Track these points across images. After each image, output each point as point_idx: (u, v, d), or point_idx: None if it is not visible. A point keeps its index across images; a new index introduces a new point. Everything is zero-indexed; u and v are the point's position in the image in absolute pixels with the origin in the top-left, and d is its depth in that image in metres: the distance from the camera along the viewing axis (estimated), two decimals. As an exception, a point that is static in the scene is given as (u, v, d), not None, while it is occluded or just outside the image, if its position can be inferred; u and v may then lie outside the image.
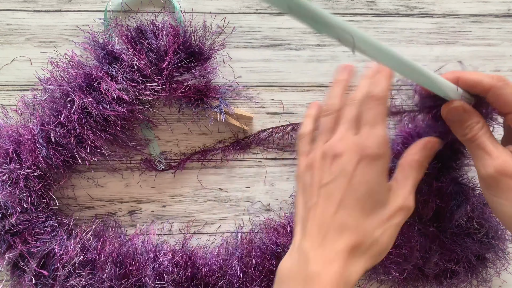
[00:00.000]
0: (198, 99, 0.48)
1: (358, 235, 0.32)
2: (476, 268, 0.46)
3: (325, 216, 0.32)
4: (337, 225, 0.32)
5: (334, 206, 0.32)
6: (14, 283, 0.44)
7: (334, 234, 0.32)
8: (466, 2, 0.52)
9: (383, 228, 0.32)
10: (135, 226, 0.50)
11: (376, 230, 0.32)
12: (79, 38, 0.49)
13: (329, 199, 0.33)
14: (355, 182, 0.32)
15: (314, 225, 0.33)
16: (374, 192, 0.32)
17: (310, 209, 0.34)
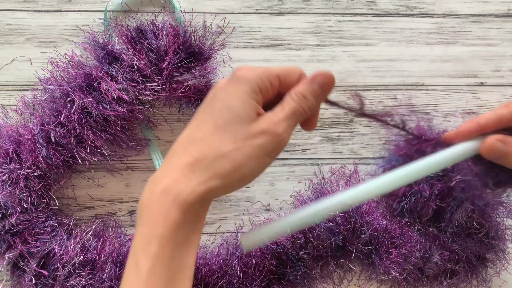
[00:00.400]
0: (198, 99, 0.48)
1: (202, 148, 0.29)
2: (476, 268, 0.46)
3: (183, 135, 0.31)
4: (186, 139, 0.30)
5: (194, 124, 0.31)
6: (14, 283, 0.44)
7: (182, 149, 0.30)
8: (466, 2, 0.52)
9: (237, 145, 0.29)
10: (135, 226, 0.50)
11: (227, 144, 0.29)
12: (79, 38, 0.49)
13: (196, 116, 0.31)
14: (216, 100, 0.31)
15: (172, 149, 0.31)
16: (231, 106, 0.30)
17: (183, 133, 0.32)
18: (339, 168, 0.51)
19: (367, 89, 0.51)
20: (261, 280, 0.46)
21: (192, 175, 0.29)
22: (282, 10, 0.51)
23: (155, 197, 0.28)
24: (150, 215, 0.28)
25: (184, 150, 0.30)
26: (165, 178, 0.29)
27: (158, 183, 0.29)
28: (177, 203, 0.28)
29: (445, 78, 0.52)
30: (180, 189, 0.28)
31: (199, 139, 0.30)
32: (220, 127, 0.30)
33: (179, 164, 0.29)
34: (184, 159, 0.29)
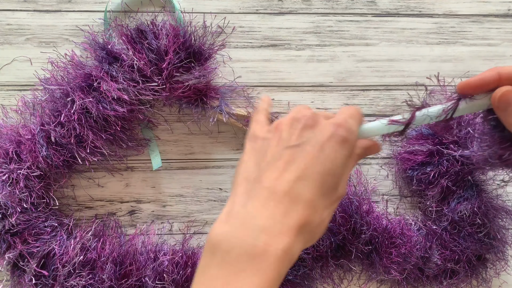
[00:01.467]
0: (198, 99, 0.48)
1: (310, 212, 0.29)
2: (476, 269, 0.46)
3: (282, 182, 0.29)
4: (293, 195, 0.29)
5: (295, 173, 0.29)
6: (14, 283, 0.44)
7: (287, 205, 0.29)
8: (466, 2, 0.52)
9: (329, 211, 0.31)
10: (135, 226, 0.50)
11: (325, 211, 0.30)
12: (79, 38, 0.49)
13: (291, 164, 0.30)
14: (324, 156, 0.30)
15: (265, 189, 0.29)
16: (335, 173, 0.30)
17: (266, 170, 0.30)
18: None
19: (367, 89, 0.51)
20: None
21: (297, 238, 0.29)
22: (282, 10, 0.51)
23: (274, 253, 0.27)
24: (266, 267, 0.27)
25: (292, 209, 0.29)
26: (283, 237, 0.28)
27: (275, 238, 0.28)
28: (292, 260, 0.28)
29: (445, 78, 0.52)
30: (294, 248, 0.28)
31: (308, 202, 0.29)
32: (324, 193, 0.30)
33: (292, 224, 0.28)
34: (295, 219, 0.29)
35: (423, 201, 0.49)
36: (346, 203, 0.46)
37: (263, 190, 0.29)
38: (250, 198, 0.29)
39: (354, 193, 0.47)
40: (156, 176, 0.50)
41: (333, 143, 0.30)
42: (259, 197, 0.29)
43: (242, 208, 0.29)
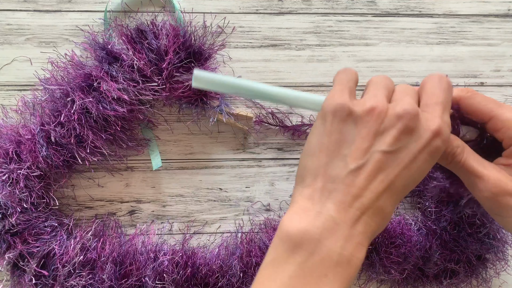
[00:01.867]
0: (198, 99, 0.48)
1: (385, 222, 0.29)
2: (476, 268, 0.46)
3: (369, 192, 0.27)
4: (377, 208, 0.28)
5: (383, 184, 0.27)
6: (14, 283, 0.44)
7: (370, 216, 0.28)
8: (466, 2, 0.52)
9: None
10: (135, 226, 0.50)
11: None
12: (79, 38, 0.49)
13: (381, 172, 0.27)
14: (415, 167, 0.28)
15: (349, 195, 0.27)
16: (417, 182, 0.29)
17: (354, 171, 0.28)
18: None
19: (367, 89, 0.51)
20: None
21: (368, 244, 0.29)
22: (282, 10, 0.51)
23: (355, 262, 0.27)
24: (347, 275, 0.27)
25: (372, 220, 0.28)
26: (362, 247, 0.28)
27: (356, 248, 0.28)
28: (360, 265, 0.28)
29: (445, 78, 0.52)
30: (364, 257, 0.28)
31: (387, 213, 0.29)
32: (399, 201, 0.29)
33: (369, 234, 0.28)
34: (372, 230, 0.28)
35: (422, 201, 0.49)
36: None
37: (347, 195, 0.28)
38: (331, 198, 0.28)
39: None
40: (156, 176, 0.50)
41: (427, 154, 0.28)
42: (342, 201, 0.28)
43: (322, 207, 0.28)
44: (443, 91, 0.29)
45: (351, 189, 0.28)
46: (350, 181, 0.28)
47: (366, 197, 0.27)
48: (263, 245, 0.47)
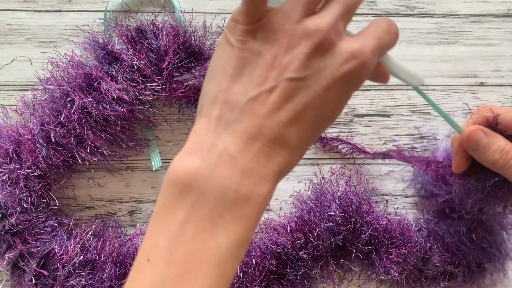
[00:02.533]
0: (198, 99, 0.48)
1: (295, 157, 0.25)
2: (474, 275, 0.46)
3: (273, 123, 0.24)
4: (282, 140, 0.24)
5: (289, 114, 0.24)
6: (14, 283, 0.44)
7: (273, 149, 0.24)
8: (466, 2, 0.52)
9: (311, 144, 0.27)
10: (135, 226, 0.50)
11: (307, 148, 0.26)
12: (79, 38, 0.49)
13: (288, 101, 0.24)
14: (328, 97, 0.24)
15: (250, 125, 0.24)
16: (335, 115, 0.26)
17: (255, 99, 0.24)
18: (339, 168, 0.51)
19: (367, 89, 0.51)
20: (261, 280, 0.46)
21: (276, 182, 0.26)
22: (282, 10, 0.51)
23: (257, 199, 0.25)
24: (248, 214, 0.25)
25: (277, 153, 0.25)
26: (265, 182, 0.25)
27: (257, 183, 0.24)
28: (264, 209, 0.26)
29: (445, 78, 0.52)
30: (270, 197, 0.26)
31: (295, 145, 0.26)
32: (316, 137, 0.27)
33: (274, 169, 0.25)
34: (278, 164, 0.25)
35: (424, 210, 0.49)
36: (346, 203, 0.46)
37: (247, 125, 0.24)
38: (228, 130, 0.24)
39: (354, 193, 0.47)
40: (156, 176, 0.50)
41: (344, 83, 0.24)
42: (242, 133, 0.24)
43: (217, 140, 0.24)
44: (385, 31, 0.26)
45: (251, 118, 0.23)
46: (250, 110, 0.24)
47: (268, 128, 0.24)
48: (263, 245, 0.47)
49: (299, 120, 0.24)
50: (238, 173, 0.23)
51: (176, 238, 0.23)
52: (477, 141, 0.31)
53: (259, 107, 0.24)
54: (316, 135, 0.26)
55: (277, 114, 0.24)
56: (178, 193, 0.23)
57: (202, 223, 0.23)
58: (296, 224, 0.47)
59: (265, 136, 0.24)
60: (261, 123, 0.24)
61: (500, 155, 0.30)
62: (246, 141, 0.23)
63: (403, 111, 0.52)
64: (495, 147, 0.31)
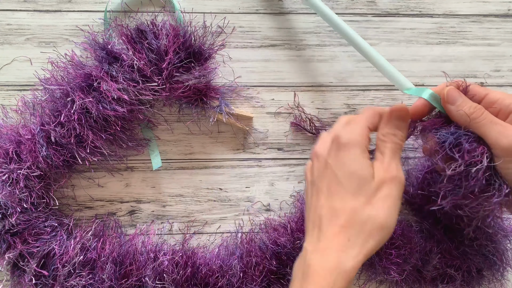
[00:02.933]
0: (198, 99, 0.48)
1: (348, 215, 0.32)
2: (473, 280, 0.46)
3: (317, 209, 0.34)
4: (327, 212, 0.33)
5: (323, 196, 0.34)
6: (14, 283, 0.44)
7: (326, 222, 0.33)
8: (466, 2, 0.52)
9: (373, 203, 0.33)
10: (135, 226, 0.50)
11: (366, 206, 0.32)
12: (79, 38, 0.49)
13: (318, 193, 0.35)
14: (334, 168, 0.34)
15: (310, 222, 0.35)
16: (354, 172, 0.33)
17: (308, 209, 0.36)
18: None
19: (367, 89, 0.51)
20: (261, 280, 0.46)
21: (349, 243, 0.32)
22: (282, 10, 0.51)
23: (322, 265, 0.31)
24: (316, 281, 0.31)
25: (330, 222, 0.33)
26: (326, 249, 0.32)
27: (320, 252, 0.32)
28: (344, 273, 0.31)
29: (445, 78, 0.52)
30: (342, 260, 0.31)
31: (341, 209, 0.33)
32: (353, 193, 0.33)
33: (331, 232, 0.32)
34: (333, 229, 0.32)
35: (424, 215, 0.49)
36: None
37: (308, 224, 0.36)
38: (306, 235, 0.36)
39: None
40: (156, 176, 0.50)
41: (337, 153, 0.35)
42: (308, 230, 0.36)
43: (304, 245, 0.36)
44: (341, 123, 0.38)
45: (309, 217, 0.37)
46: (307, 214, 0.37)
47: (316, 213, 0.35)
48: (263, 245, 0.47)
49: (330, 194, 0.35)
50: (306, 255, 0.34)
51: None
52: (456, 96, 0.35)
53: (309, 209, 0.37)
54: (351, 192, 0.34)
55: (318, 202, 0.36)
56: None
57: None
58: (296, 224, 0.47)
59: (319, 218, 0.36)
60: (313, 214, 0.36)
61: (474, 109, 0.34)
62: (311, 231, 0.36)
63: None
64: (469, 104, 0.35)
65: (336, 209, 0.33)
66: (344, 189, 0.33)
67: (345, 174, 0.34)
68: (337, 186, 0.34)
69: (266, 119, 0.51)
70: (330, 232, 0.32)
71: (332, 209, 0.33)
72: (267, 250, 0.47)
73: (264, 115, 0.51)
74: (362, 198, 0.33)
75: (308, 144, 0.51)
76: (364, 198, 0.33)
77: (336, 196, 0.33)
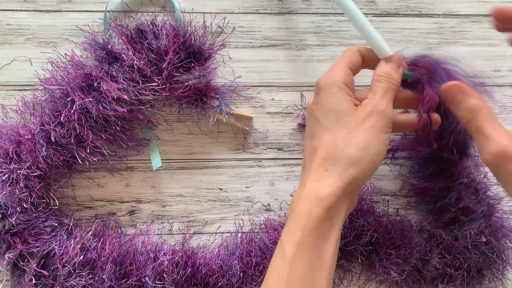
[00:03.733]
0: (198, 99, 0.48)
1: (326, 148, 0.34)
2: (473, 280, 0.46)
3: (304, 153, 0.37)
4: (310, 149, 0.35)
5: (308, 140, 0.36)
6: (14, 283, 0.44)
7: (309, 160, 0.35)
8: (466, 2, 0.52)
9: (353, 133, 0.33)
10: (135, 226, 0.50)
11: (346, 136, 0.33)
12: (79, 38, 0.49)
13: (306, 139, 0.37)
14: (315, 112, 0.36)
15: (303, 163, 0.37)
16: (331, 109, 0.34)
17: (303, 151, 0.38)
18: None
19: (367, 89, 0.51)
20: (261, 280, 0.46)
21: (326, 172, 0.33)
22: (282, 10, 0.51)
23: (301, 196, 0.33)
24: (296, 211, 0.32)
25: (311, 157, 0.35)
26: (306, 181, 0.33)
27: (302, 186, 0.34)
28: (319, 200, 0.32)
29: (445, 78, 0.52)
30: (318, 187, 0.32)
31: (318, 145, 0.34)
32: (331, 128, 0.34)
33: (312, 167, 0.34)
34: (315, 161, 0.34)
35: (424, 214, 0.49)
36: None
37: (303, 162, 0.38)
38: (302, 174, 0.38)
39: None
40: (156, 176, 0.50)
41: (318, 96, 0.36)
42: (302, 166, 0.38)
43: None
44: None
45: (304, 155, 0.38)
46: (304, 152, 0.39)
47: (306, 151, 0.37)
48: (263, 245, 0.47)
49: (314, 133, 0.36)
50: (299, 188, 0.36)
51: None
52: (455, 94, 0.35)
53: (304, 147, 0.39)
54: (329, 127, 0.36)
55: (306, 141, 0.38)
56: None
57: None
58: (296, 224, 0.47)
59: (306, 155, 0.38)
60: (305, 152, 0.38)
61: (465, 113, 0.34)
62: (303, 168, 0.38)
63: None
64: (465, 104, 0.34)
65: (315, 146, 0.34)
66: (322, 126, 0.34)
67: (323, 113, 0.35)
68: (317, 125, 0.35)
69: (266, 119, 0.51)
70: (312, 168, 0.34)
71: (313, 147, 0.35)
72: (267, 250, 0.47)
73: (264, 115, 0.51)
74: (341, 130, 0.34)
75: (308, 144, 0.51)
76: (344, 130, 0.34)
77: (315, 135, 0.35)
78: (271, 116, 0.51)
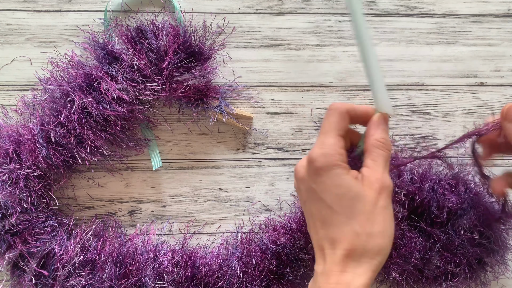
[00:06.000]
0: (198, 99, 0.48)
1: (349, 239, 0.32)
2: (475, 272, 0.46)
3: (319, 241, 0.34)
4: (326, 238, 0.33)
5: (319, 225, 0.34)
6: (14, 283, 0.44)
7: (329, 251, 0.33)
8: (466, 2, 0.52)
9: (372, 219, 0.32)
10: (135, 226, 0.50)
11: (366, 225, 0.32)
12: (79, 38, 0.49)
13: (314, 219, 0.34)
14: (321, 194, 0.33)
15: (315, 246, 0.35)
16: (342, 195, 0.32)
17: (309, 230, 0.36)
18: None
19: (367, 89, 0.51)
20: (261, 280, 0.46)
21: (354, 263, 0.32)
22: (282, 10, 0.51)
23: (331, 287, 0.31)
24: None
25: (332, 248, 0.32)
26: (331, 272, 0.32)
27: (325, 276, 0.32)
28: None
29: (445, 78, 0.52)
30: (348, 280, 0.31)
31: (340, 236, 0.32)
32: (349, 215, 0.32)
33: (335, 258, 0.32)
34: (339, 252, 0.32)
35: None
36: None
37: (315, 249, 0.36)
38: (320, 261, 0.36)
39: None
40: (156, 176, 0.50)
41: (317, 178, 0.33)
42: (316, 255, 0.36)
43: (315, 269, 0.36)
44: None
45: (313, 242, 0.36)
46: (311, 237, 0.36)
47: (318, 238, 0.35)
48: (263, 245, 0.47)
49: (324, 220, 0.34)
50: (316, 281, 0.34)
51: None
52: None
53: (310, 232, 0.37)
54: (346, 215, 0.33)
55: (314, 227, 0.35)
56: None
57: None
58: (297, 224, 0.47)
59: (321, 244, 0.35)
60: (315, 240, 0.36)
61: None
62: (318, 257, 0.35)
63: (403, 111, 0.52)
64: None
65: (335, 238, 0.32)
66: (337, 213, 0.32)
67: (333, 199, 0.32)
68: (330, 213, 0.33)
69: (266, 119, 0.51)
70: (336, 257, 0.32)
71: (332, 239, 0.32)
72: (267, 250, 0.47)
73: (264, 115, 0.51)
74: (359, 217, 0.32)
75: (309, 144, 0.51)
76: (362, 217, 0.32)
77: (331, 223, 0.33)
78: (271, 116, 0.51)
